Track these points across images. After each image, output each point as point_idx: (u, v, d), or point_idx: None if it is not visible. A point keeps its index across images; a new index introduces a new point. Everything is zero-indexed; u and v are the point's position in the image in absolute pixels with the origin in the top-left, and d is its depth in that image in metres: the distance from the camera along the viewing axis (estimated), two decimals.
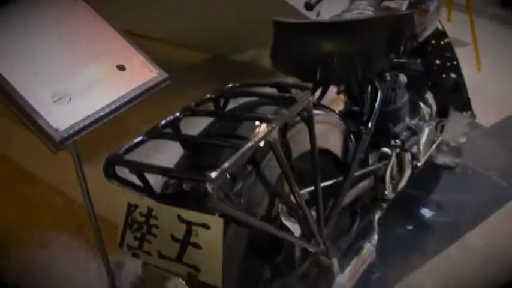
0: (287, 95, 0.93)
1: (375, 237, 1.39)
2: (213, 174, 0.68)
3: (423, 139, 1.58)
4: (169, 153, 1.00)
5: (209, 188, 0.67)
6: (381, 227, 1.49)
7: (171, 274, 0.79)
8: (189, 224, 0.75)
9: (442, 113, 1.83)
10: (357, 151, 1.20)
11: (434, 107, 1.78)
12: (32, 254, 1.60)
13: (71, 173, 1.21)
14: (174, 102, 0.95)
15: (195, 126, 1.01)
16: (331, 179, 1.14)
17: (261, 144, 0.81)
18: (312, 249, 1.01)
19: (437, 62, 1.82)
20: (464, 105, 1.84)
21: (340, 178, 1.16)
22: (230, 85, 1.02)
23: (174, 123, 0.91)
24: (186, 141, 0.91)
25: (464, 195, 1.88)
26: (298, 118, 0.93)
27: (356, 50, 1.21)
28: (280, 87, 1.00)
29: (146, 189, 0.83)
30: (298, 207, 0.92)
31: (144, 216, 0.82)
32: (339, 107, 1.50)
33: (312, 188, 1.01)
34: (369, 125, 1.24)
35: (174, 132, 0.90)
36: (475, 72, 2.98)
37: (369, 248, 1.35)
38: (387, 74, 1.46)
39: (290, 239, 0.94)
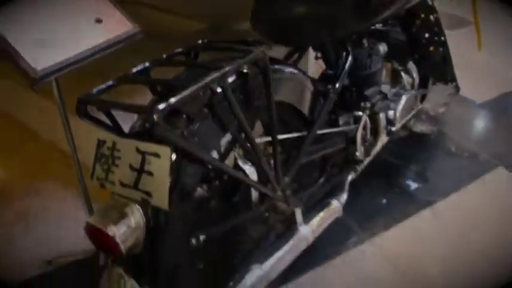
0: (245, 47, 1.01)
1: (344, 196, 1.46)
2: (160, 106, 0.77)
3: (400, 106, 1.64)
4: None
5: (155, 117, 0.76)
6: (360, 192, 1.59)
7: (129, 200, 0.89)
8: (143, 154, 0.85)
9: (425, 84, 1.88)
10: (323, 109, 1.27)
11: (417, 78, 1.83)
12: (27, 201, 1.73)
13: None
14: (170, 70, 1.03)
15: None
16: (295, 132, 1.22)
17: (218, 90, 0.90)
18: (268, 193, 1.09)
19: (426, 35, 1.86)
20: (450, 77, 1.88)
21: (305, 133, 1.23)
22: (200, 41, 1.11)
23: (145, 72, 1.00)
24: (154, 86, 1.00)
25: (444, 165, 1.93)
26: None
27: (325, 14, 1.27)
28: (245, 43, 1.08)
29: (114, 126, 0.93)
30: (253, 151, 1.00)
31: (109, 150, 0.92)
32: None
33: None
34: (337, 85, 1.31)
35: (143, 77, 0.99)
36: (475, 52, 2.98)
37: (337, 204, 1.42)
38: (364, 40, 1.52)
39: (244, 179, 1.03)
